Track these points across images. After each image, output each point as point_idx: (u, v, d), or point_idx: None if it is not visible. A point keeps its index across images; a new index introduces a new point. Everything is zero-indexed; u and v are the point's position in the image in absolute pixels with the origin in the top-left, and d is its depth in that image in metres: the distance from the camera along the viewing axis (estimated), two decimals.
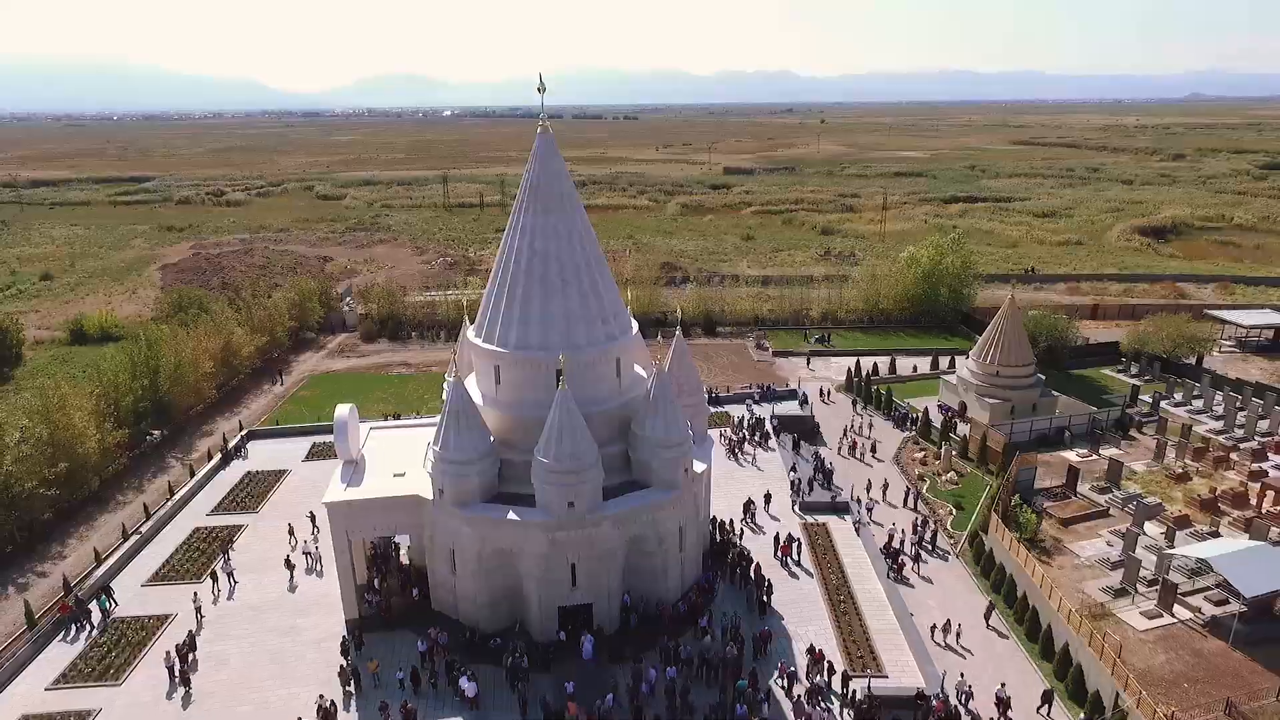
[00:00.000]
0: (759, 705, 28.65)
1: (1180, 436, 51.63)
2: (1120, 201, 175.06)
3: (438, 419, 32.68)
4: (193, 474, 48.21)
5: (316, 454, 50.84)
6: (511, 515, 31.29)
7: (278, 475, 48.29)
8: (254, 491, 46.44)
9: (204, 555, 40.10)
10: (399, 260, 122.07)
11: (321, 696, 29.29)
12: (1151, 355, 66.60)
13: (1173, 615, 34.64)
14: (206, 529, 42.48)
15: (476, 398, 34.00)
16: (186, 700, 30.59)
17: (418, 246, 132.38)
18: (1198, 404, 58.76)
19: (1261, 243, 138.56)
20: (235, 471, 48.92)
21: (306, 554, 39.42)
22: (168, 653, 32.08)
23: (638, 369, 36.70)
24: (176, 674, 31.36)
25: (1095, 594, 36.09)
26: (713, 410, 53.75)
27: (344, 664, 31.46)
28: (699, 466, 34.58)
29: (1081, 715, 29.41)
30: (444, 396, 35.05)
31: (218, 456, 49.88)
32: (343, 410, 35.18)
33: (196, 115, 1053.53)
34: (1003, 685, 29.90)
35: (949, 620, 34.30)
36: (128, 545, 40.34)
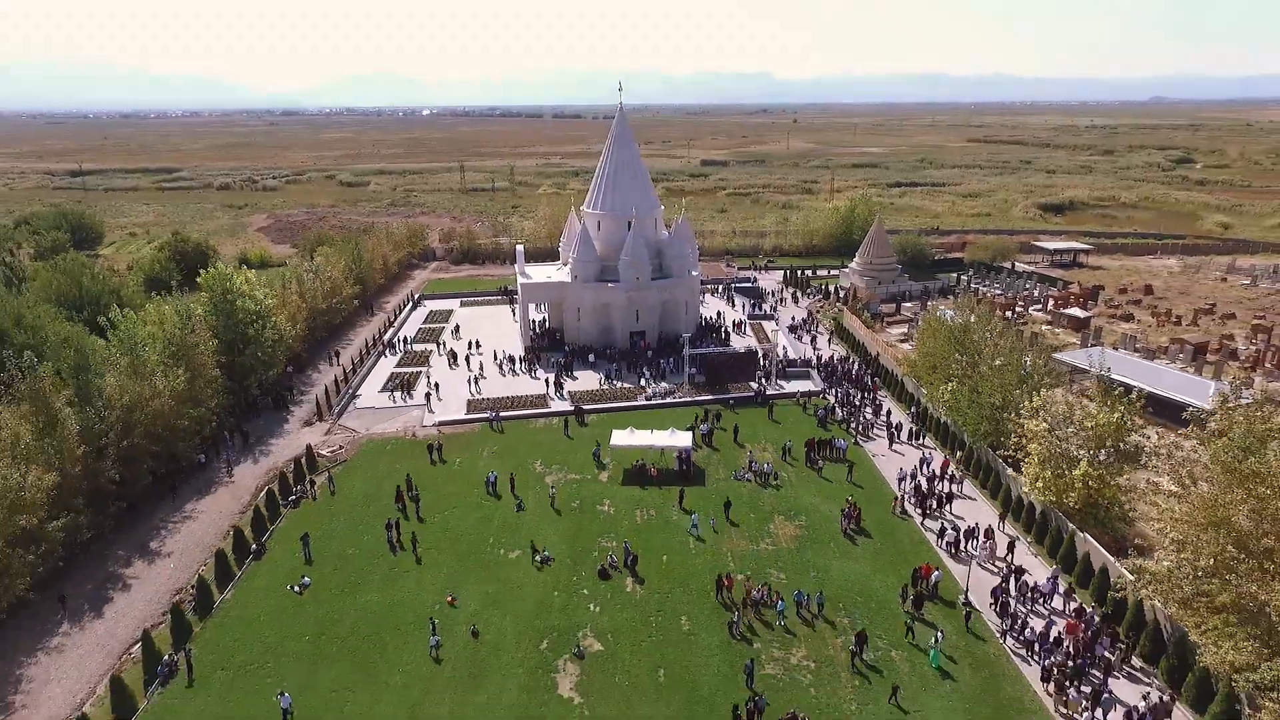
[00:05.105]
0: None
1: (975, 296, 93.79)
2: (1035, 186, 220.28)
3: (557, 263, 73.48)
4: (398, 313, 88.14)
5: (466, 304, 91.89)
6: (610, 285, 72.15)
7: (449, 311, 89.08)
8: (440, 317, 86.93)
9: (431, 336, 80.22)
10: (444, 226, 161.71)
11: (519, 359, 69.80)
12: (980, 262, 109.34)
13: None
14: (426, 328, 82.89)
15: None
16: (465, 372, 70.21)
17: (454, 217, 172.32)
18: (997, 286, 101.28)
19: (1133, 215, 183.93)
20: (423, 311, 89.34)
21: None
22: (444, 353, 72.36)
23: (663, 231, 77.78)
24: (452, 361, 71.50)
25: (890, 338, 77.77)
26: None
27: (527, 359, 71.86)
28: (694, 272, 75.74)
29: (853, 353, 71.06)
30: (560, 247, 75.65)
31: (409, 304, 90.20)
32: (520, 248, 76.04)
33: (175, 114, 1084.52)
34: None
35: (813, 344, 75.74)
36: (391, 330, 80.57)
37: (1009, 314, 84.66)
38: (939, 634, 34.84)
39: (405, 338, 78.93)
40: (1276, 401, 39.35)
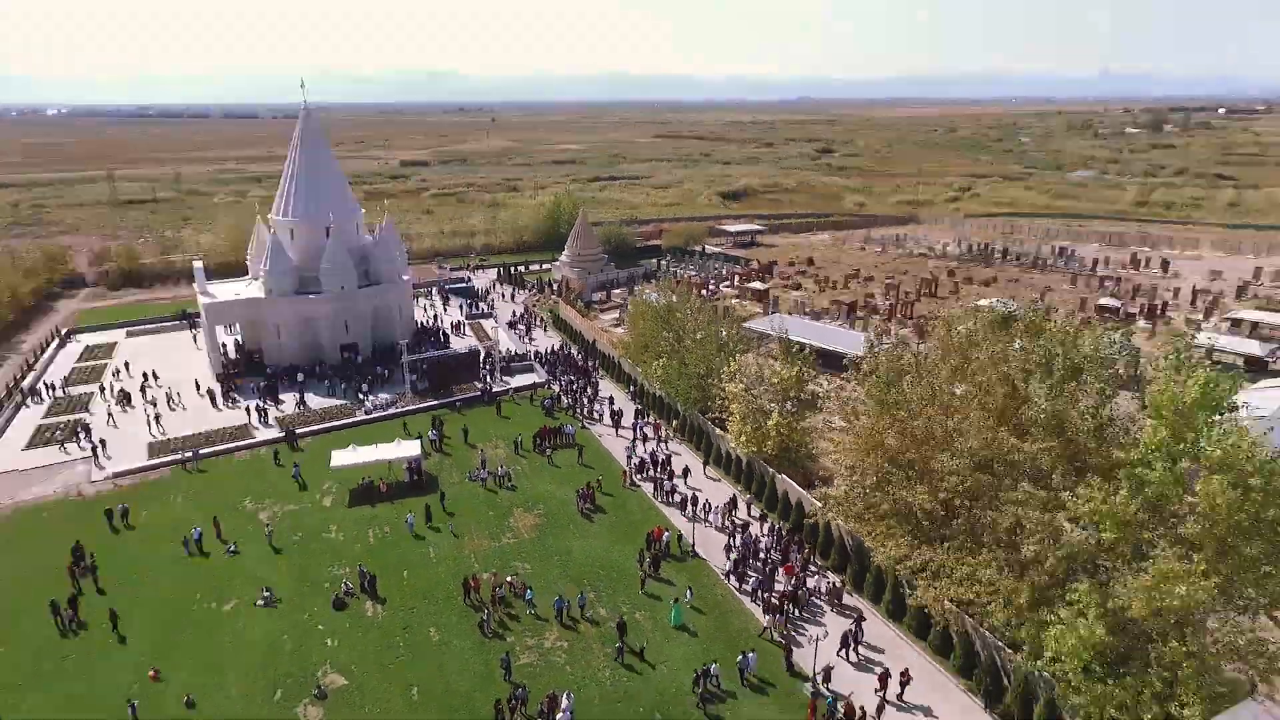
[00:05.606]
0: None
1: (674, 279, 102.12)
2: (715, 176, 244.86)
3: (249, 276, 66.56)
4: (39, 354, 73.21)
5: (134, 334, 78.98)
6: (311, 297, 66.74)
7: (113, 345, 75.91)
8: (100, 352, 73.76)
9: (91, 375, 67.90)
10: (94, 246, 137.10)
11: (217, 392, 62.13)
12: (676, 248, 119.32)
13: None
14: (82, 367, 69.81)
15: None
16: (141, 414, 60.53)
17: (107, 235, 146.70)
18: (691, 268, 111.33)
19: (793, 198, 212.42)
20: (76, 347, 75.17)
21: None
22: (113, 395, 61.77)
23: (366, 236, 73.71)
24: (124, 403, 61.27)
25: (604, 324, 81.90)
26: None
27: (222, 388, 64.04)
28: (405, 276, 72.93)
29: (572, 342, 74.06)
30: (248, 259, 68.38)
31: (55, 341, 75.37)
32: (198, 264, 67.17)
33: None
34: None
35: (530, 336, 77.21)
36: (32, 375, 66.72)
37: (704, 292, 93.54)
38: (690, 591, 37.88)
39: (52, 382, 65.65)
40: (906, 344, 48.43)
